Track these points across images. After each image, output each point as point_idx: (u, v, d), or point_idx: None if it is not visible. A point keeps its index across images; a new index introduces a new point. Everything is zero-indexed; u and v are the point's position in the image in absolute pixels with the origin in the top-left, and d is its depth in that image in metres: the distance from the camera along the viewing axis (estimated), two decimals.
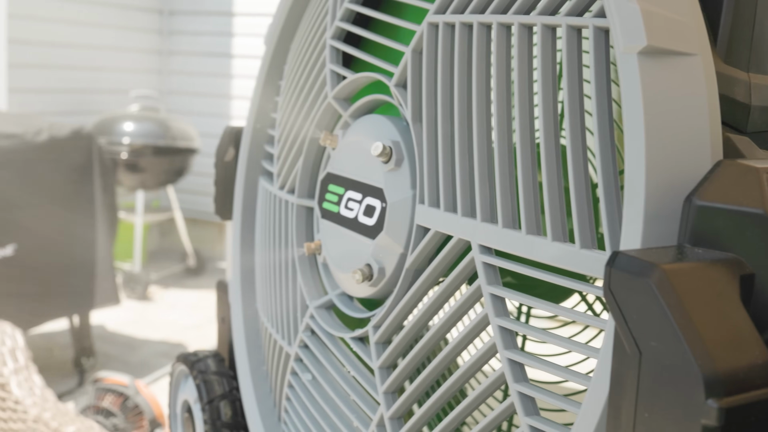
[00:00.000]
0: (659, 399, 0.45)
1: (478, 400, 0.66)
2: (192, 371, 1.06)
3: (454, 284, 0.67)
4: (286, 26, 1.02)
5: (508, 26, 0.64)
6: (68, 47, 4.48)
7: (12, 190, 2.78)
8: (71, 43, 4.50)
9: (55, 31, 4.39)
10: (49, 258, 2.96)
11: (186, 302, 4.28)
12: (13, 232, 2.80)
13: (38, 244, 2.91)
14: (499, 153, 0.63)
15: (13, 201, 2.79)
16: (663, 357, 0.44)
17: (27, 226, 2.86)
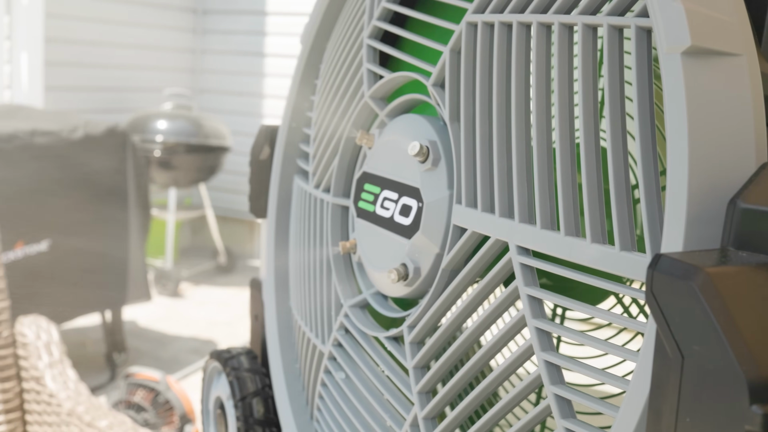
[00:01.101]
0: (701, 404, 0.44)
1: (513, 402, 0.65)
2: (225, 368, 1.07)
3: (491, 285, 0.67)
4: (323, 26, 1.02)
5: (548, 26, 0.63)
6: (104, 46, 4.53)
7: (47, 187, 2.81)
8: (107, 42, 4.55)
9: (91, 30, 4.43)
10: (82, 254, 3.00)
11: (216, 299, 4.31)
12: (47, 228, 2.83)
13: (72, 240, 2.94)
14: (538, 153, 0.62)
15: (49, 197, 2.82)
16: (706, 361, 0.43)
17: (61, 222, 2.90)
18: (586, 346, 0.61)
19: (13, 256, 2.67)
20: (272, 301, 1.08)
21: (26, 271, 2.72)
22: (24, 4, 3.84)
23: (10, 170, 2.63)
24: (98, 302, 3.16)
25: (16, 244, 2.70)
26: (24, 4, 3.84)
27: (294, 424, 0.99)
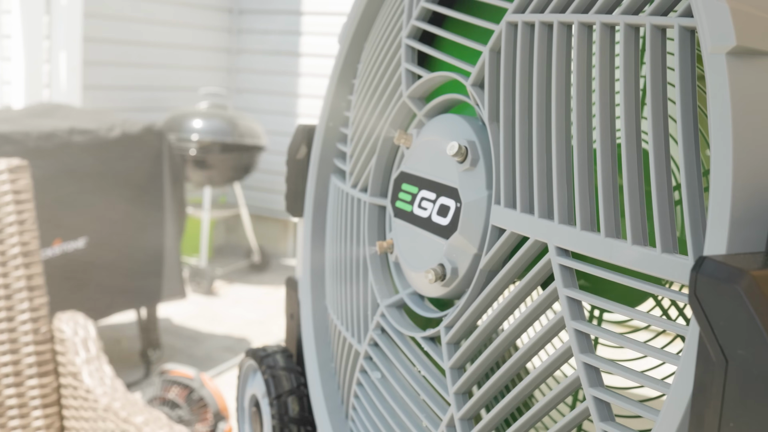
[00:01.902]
0: (746, 409, 0.44)
1: (551, 405, 0.65)
2: (261, 366, 1.07)
3: (530, 286, 0.66)
4: (361, 25, 1.02)
5: (589, 26, 0.63)
6: (141, 45, 4.57)
7: (85, 185, 2.84)
8: (144, 42, 4.59)
9: (129, 29, 4.48)
10: (119, 251, 3.03)
11: (250, 297, 4.33)
12: (85, 225, 2.87)
13: (109, 238, 2.98)
14: (578, 154, 0.62)
15: (87, 195, 2.85)
16: (751, 366, 0.43)
17: (99, 219, 2.93)
18: (625, 348, 0.60)
19: (51, 253, 2.71)
20: (308, 300, 1.09)
21: (64, 267, 2.75)
22: (63, 4, 3.89)
23: (48, 168, 2.66)
24: (134, 299, 3.19)
25: (54, 241, 2.73)
26: (63, 4, 3.89)
27: (329, 423, 1.00)
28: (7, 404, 1.49)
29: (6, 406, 1.49)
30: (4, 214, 1.52)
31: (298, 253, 1.15)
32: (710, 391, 0.46)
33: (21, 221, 1.52)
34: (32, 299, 1.52)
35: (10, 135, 2.60)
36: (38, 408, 1.51)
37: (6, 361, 1.49)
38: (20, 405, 1.50)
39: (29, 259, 1.53)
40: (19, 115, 2.99)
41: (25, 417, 1.50)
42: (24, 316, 1.50)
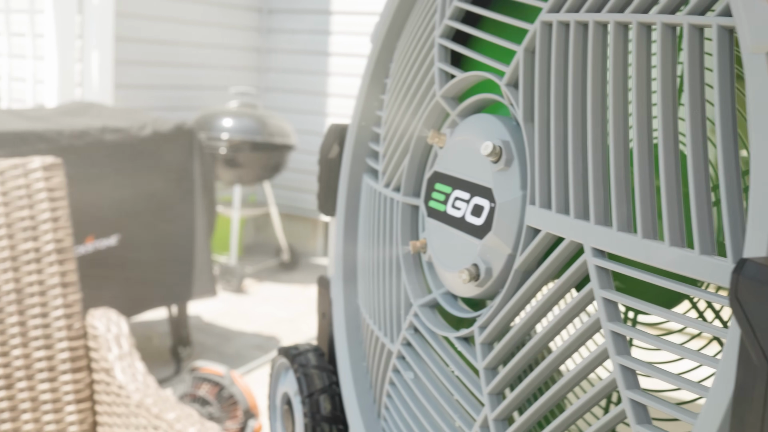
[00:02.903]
0: None
1: (586, 407, 0.65)
2: (293, 364, 1.08)
3: (565, 287, 0.66)
4: (393, 25, 1.02)
5: (625, 25, 0.62)
6: (171, 45, 4.60)
7: (117, 183, 2.87)
8: (174, 41, 4.62)
9: (160, 29, 4.51)
10: (150, 249, 3.05)
11: (279, 296, 4.35)
12: (117, 223, 2.89)
13: (140, 235, 3.00)
14: (614, 154, 0.61)
15: (119, 193, 2.88)
16: None
17: (130, 217, 2.95)
18: (655, 351, 0.60)
19: (83, 250, 2.73)
20: (340, 299, 1.09)
21: (96, 265, 2.78)
22: (95, 4, 3.92)
23: (81, 166, 2.69)
24: (165, 296, 3.21)
25: (87, 238, 2.76)
26: (95, 4, 3.92)
27: (361, 422, 1.00)
28: (41, 399, 1.51)
29: (40, 401, 1.51)
30: (39, 212, 1.53)
31: (330, 251, 1.15)
32: (752, 395, 0.45)
33: (55, 218, 1.54)
34: (66, 296, 1.53)
35: (43, 133, 2.62)
36: (71, 403, 1.52)
37: (40, 357, 1.50)
38: (54, 400, 1.51)
39: (63, 256, 1.54)
40: (52, 113, 3.01)
41: (58, 412, 1.51)
42: (58, 313, 1.52)
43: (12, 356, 1.49)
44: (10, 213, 1.52)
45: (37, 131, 2.61)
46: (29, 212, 1.53)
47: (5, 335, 1.49)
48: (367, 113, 1.07)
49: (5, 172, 1.53)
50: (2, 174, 1.53)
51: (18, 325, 1.49)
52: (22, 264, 1.51)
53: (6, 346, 1.48)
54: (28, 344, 1.50)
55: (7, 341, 1.49)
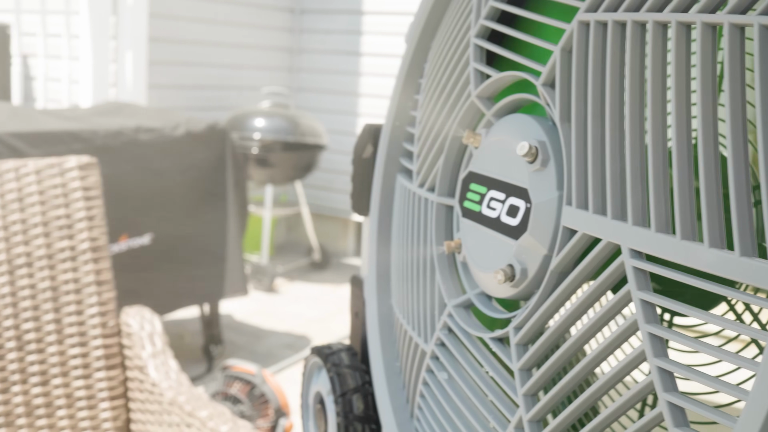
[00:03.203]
0: None
1: (622, 409, 0.64)
2: (326, 364, 1.08)
3: (602, 288, 0.66)
4: (428, 24, 1.02)
5: (664, 24, 0.62)
6: (205, 45, 4.63)
7: (150, 182, 2.89)
8: (207, 42, 4.65)
9: (193, 29, 4.54)
10: (183, 248, 3.07)
11: (310, 295, 4.36)
12: (150, 222, 2.92)
13: (173, 234, 3.02)
14: (653, 154, 0.61)
15: (152, 192, 2.90)
16: None
17: (163, 216, 2.98)
18: (699, 353, 0.59)
19: (117, 248, 2.76)
20: (373, 299, 1.09)
21: (129, 263, 2.80)
22: (129, 5, 3.96)
23: (115, 166, 2.71)
24: (197, 295, 3.24)
25: (121, 237, 2.79)
26: (129, 5, 3.96)
27: (394, 422, 1.00)
28: (75, 396, 1.52)
29: (75, 397, 1.52)
30: (74, 210, 1.55)
31: (363, 251, 1.16)
32: None
33: (90, 217, 1.55)
34: (101, 294, 1.55)
35: (78, 133, 2.65)
36: (105, 400, 1.54)
37: (75, 354, 1.52)
38: (88, 397, 1.53)
39: (98, 254, 1.56)
40: (87, 113, 3.05)
41: (93, 409, 1.53)
42: (93, 311, 1.54)
43: (48, 353, 1.50)
44: (46, 212, 1.53)
45: (73, 131, 2.64)
46: (65, 211, 1.54)
47: (41, 332, 1.50)
48: (402, 113, 1.07)
49: (42, 171, 1.55)
50: (39, 173, 1.55)
51: (54, 322, 1.51)
52: (58, 262, 1.53)
53: (42, 343, 1.50)
54: (63, 341, 1.52)
55: (43, 338, 1.50)
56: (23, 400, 1.49)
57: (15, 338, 1.49)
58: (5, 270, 1.50)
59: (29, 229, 1.52)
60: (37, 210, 1.53)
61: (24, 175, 1.54)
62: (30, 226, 1.52)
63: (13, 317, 1.49)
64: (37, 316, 1.51)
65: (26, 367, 1.49)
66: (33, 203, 1.53)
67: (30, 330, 1.50)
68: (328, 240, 5.29)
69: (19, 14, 3.77)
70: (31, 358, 1.49)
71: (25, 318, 1.50)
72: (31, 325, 1.50)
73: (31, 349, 1.50)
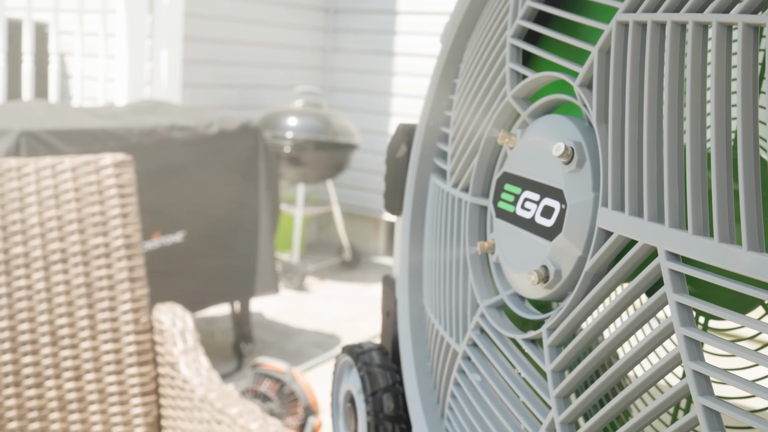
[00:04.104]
0: None
1: (656, 413, 0.64)
2: (357, 363, 1.08)
3: (637, 290, 0.65)
4: (463, 25, 1.02)
5: (704, 25, 0.61)
6: (239, 44, 4.66)
7: (183, 180, 2.91)
8: (241, 41, 4.67)
9: (227, 29, 4.57)
10: (214, 245, 3.09)
11: (340, 294, 4.37)
12: (183, 220, 2.94)
13: (205, 232, 3.04)
14: (691, 157, 0.60)
15: (185, 190, 2.92)
16: None
17: (196, 214, 2.99)
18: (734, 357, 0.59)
19: (150, 246, 2.78)
20: (405, 299, 1.09)
21: (162, 260, 2.82)
22: (165, 5, 3.99)
23: (149, 163, 2.73)
24: (228, 293, 3.25)
25: (153, 234, 2.81)
26: (165, 5, 3.99)
27: (424, 422, 1.00)
28: (108, 391, 1.54)
29: (107, 393, 1.54)
30: (109, 207, 1.56)
31: (395, 251, 1.16)
32: None
33: (124, 214, 1.57)
34: (134, 290, 1.56)
35: (114, 131, 2.68)
36: (137, 396, 1.55)
37: (108, 350, 1.53)
38: (120, 392, 1.54)
39: (131, 251, 1.57)
40: (122, 111, 3.07)
41: (124, 404, 1.54)
42: (125, 307, 1.55)
43: (81, 349, 1.52)
44: (81, 208, 1.55)
45: (108, 129, 2.66)
46: (100, 208, 1.56)
47: (75, 328, 1.52)
48: (436, 113, 1.07)
49: (78, 168, 1.57)
50: (75, 170, 1.56)
51: (87, 318, 1.52)
52: (92, 258, 1.54)
53: (75, 338, 1.52)
54: (96, 337, 1.53)
55: (77, 334, 1.52)
56: (56, 395, 1.51)
57: (49, 333, 1.51)
58: (41, 266, 1.51)
59: (64, 226, 1.54)
60: (72, 207, 1.55)
61: (60, 172, 1.56)
62: (65, 223, 1.54)
63: (48, 312, 1.51)
64: (71, 311, 1.52)
65: (60, 362, 1.51)
66: (69, 200, 1.55)
67: (64, 325, 1.51)
68: (359, 239, 5.30)
69: (57, 13, 3.81)
70: (64, 353, 1.51)
71: (59, 313, 1.51)
72: (65, 320, 1.52)
73: (64, 344, 1.51)
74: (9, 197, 1.53)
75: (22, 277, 1.50)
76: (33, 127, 2.46)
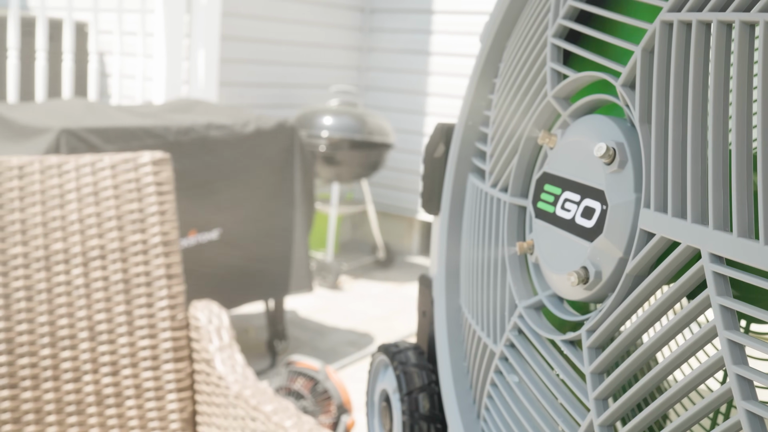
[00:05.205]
0: None
1: (697, 417, 0.63)
2: (393, 362, 1.08)
3: (680, 292, 0.64)
4: (503, 24, 1.02)
5: (751, 24, 0.60)
6: (275, 44, 4.68)
7: (220, 178, 2.93)
8: (278, 40, 4.70)
9: (264, 28, 4.59)
10: (250, 243, 3.11)
11: (374, 293, 4.37)
12: (219, 217, 2.95)
13: (241, 230, 3.06)
14: (736, 157, 0.60)
15: (221, 188, 2.94)
16: None
17: (232, 212, 3.01)
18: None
19: (186, 243, 2.80)
20: (442, 298, 1.09)
21: (198, 258, 2.84)
22: (203, 4, 4.02)
23: (186, 161, 2.75)
24: (263, 291, 3.26)
25: (190, 232, 2.83)
26: (203, 4, 4.02)
27: (460, 422, 0.99)
28: (144, 386, 1.55)
29: (143, 388, 1.55)
30: (147, 205, 1.58)
31: (432, 250, 1.15)
32: None
33: (162, 212, 1.58)
34: (170, 287, 1.57)
35: (152, 129, 2.70)
36: (173, 392, 1.56)
37: (145, 345, 1.55)
38: (156, 388, 1.55)
39: (169, 248, 1.58)
40: (159, 110, 3.10)
41: (160, 399, 1.55)
42: (162, 303, 1.56)
43: (118, 344, 1.53)
44: (120, 206, 1.56)
45: (146, 127, 2.69)
46: (138, 205, 1.57)
47: (112, 323, 1.53)
48: (475, 113, 1.06)
49: (117, 166, 1.58)
50: (114, 168, 1.58)
51: (125, 314, 1.54)
52: (130, 255, 1.56)
53: (113, 334, 1.53)
54: (133, 333, 1.55)
55: (114, 329, 1.53)
56: (94, 390, 1.52)
57: (88, 329, 1.52)
58: (80, 262, 1.53)
59: (103, 223, 1.55)
60: (111, 204, 1.56)
61: (100, 169, 1.57)
62: (104, 220, 1.55)
63: (87, 308, 1.52)
64: (109, 307, 1.54)
65: (97, 357, 1.53)
66: (108, 197, 1.56)
67: (102, 321, 1.53)
68: (393, 238, 5.30)
69: (97, 13, 3.85)
70: (102, 349, 1.52)
71: (97, 309, 1.53)
72: (103, 316, 1.53)
73: (102, 339, 1.53)
74: (50, 194, 1.54)
75: (62, 273, 1.52)
76: (73, 125, 2.49)
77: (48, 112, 2.72)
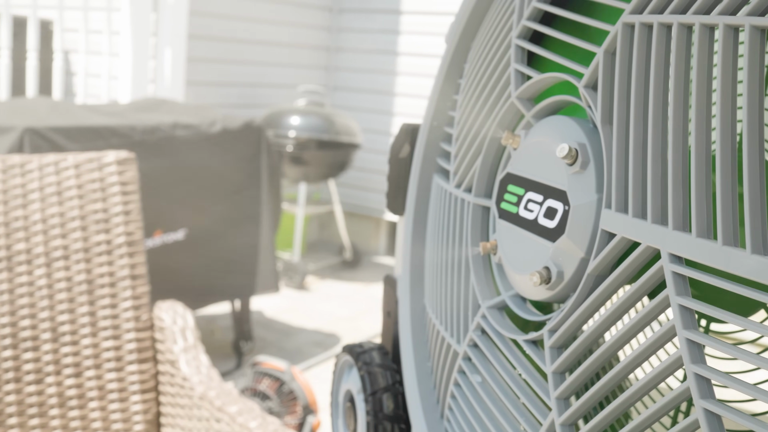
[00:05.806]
0: None
1: (657, 415, 0.64)
2: (357, 362, 1.08)
3: (640, 292, 0.65)
4: (468, 25, 1.02)
5: (711, 27, 0.61)
6: (242, 43, 4.66)
7: (186, 178, 2.91)
8: (245, 39, 4.68)
9: (231, 27, 4.57)
10: (216, 244, 3.09)
11: (341, 294, 4.37)
12: (184, 218, 2.94)
13: (207, 230, 3.04)
14: (696, 159, 0.60)
15: (187, 188, 2.92)
16: None
17: (198, 212, 3.00)
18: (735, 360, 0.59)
19: (151, 243, 2.78)
20: (406, 299, 1.09)
21: (163, 258, 2.82)
22: (170, 3, 3.99)
23: (152, 161, 2.73)
24: (228, 291, 3.25)
25: (155, 232, 2.81)
26: (170, 3, 3.99)
27: (424, 422, 1.00)
28: (108, 388, 1.54)
29: (107, 389, 1.54)
30: (111, 205, 1.56)
31: (397, 251, 1.15)
32: None
33: (127, 212, 1.57)
34: (135, 288, 1.56)
35: (117, 128, 2.68)
36: (137, 393, 1.55)
37: (108, 346, 1.53)
38: (120, 389, 1.54)
39: (133, 248, 1.57)
40: (125, 109, 3.07)
41: (124, 401, 1.54)
42: (126, 304, 1.55)
43: (82, 345, 1.52)
44: (84, 206, 1.55)
45: (111, 126, 2.67)
46: (102, 205, 1.56)
47: (76, 325, 1.52)
48: (440, 113, 1.07)
49: (81, 165, 1.56)
50: (78, 167, 1.56)
51: (88, 315, 1.52)
52: (94, 255, 1.54)
53: (76, 335, 1.52)
54: (97, 334, 1.53)
55: (78, 330, 1.52)
56: (56, 391, 1.51)
57: (50, 329, 1.50)
58: (43, 262, 1.51)
59: (67, 223, 1.54)
60: (75, 204, 1.55)
61: (63, 169, 1.56)
62: (68, 220, 1.54)
63: (49, 309, 1.51)
64: (72, 308, 1.52)
65: (60, 359, 1.51)
66: (71, 197, 1.55)
67: (65, 322, 1.51)
68: (360, 239, 5.30)
69: (62, 10, 3.81)
70: (65, 350, 1.51)
71: (60, 310, 1.51)
72: (67, 317, 1.51)
73: (65, 340, 1.51)
74: (12, 194, 1.52)
75: (24, 274, 1.50)
76: (37, 124, 2.46)
77: (11, 110, 2.68)
